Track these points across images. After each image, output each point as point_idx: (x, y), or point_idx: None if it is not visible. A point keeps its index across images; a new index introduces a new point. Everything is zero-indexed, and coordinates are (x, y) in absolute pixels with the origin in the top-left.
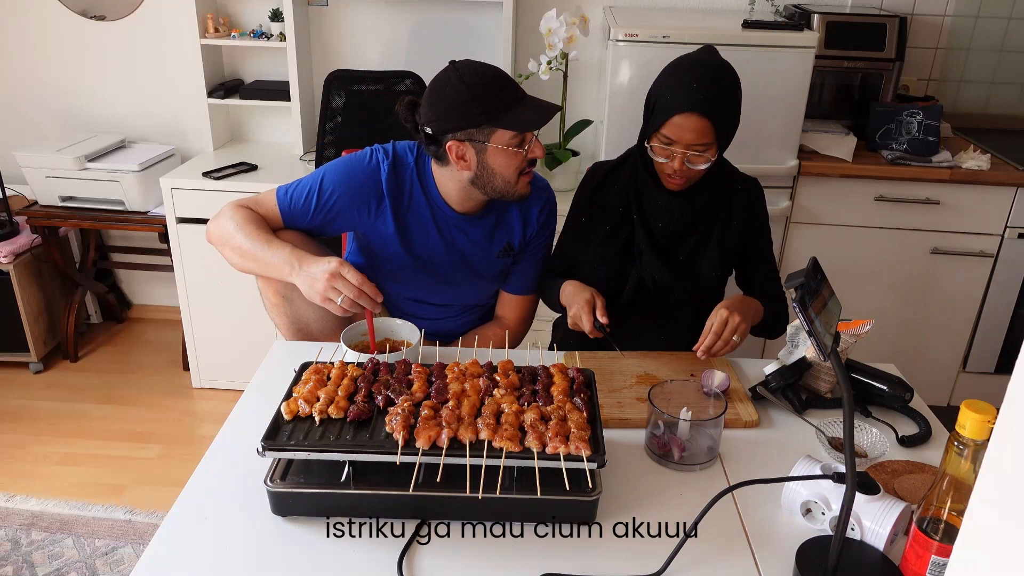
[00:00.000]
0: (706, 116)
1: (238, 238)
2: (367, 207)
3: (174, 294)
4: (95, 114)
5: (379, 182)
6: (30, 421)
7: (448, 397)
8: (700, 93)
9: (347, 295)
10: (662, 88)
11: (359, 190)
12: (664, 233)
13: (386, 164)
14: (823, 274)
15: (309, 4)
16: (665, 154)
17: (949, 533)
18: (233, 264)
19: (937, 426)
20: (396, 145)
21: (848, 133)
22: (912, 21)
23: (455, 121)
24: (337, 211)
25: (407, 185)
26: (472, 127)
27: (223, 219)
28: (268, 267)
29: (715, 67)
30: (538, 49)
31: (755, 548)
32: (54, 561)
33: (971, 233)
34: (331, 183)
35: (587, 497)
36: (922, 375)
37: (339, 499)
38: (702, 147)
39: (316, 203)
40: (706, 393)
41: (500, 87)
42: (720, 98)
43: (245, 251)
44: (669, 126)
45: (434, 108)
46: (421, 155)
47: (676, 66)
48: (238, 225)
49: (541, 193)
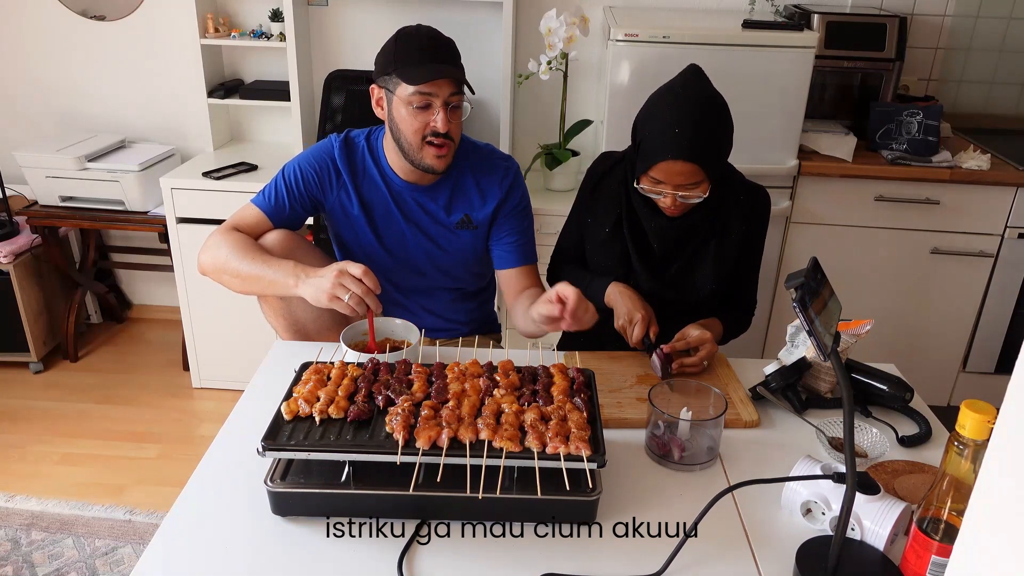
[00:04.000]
0: (691, 161)
1: (234, 263)
2: (328, 179)
3: (174, 294)
4: (95, 114)
5: (333, 158)
6: (30, 421)
7: (448, 397)
8: (683, 139)
9: (354, 292)
10: (646, 129)
11: (316, 165)
12: (659, 250)
13: (338, 142)
14: (823, 274)
15: (309, 4)
16: (657, 191)
17: (949, 533)
18: (233, 289)
19: (937, 426)
20: (349, 131)
21: (848, 133)
22: (912, 21)
23: (378, 66)
24: (308, 190)
25: (359, 161)
26: (385, 74)
27: (213, 249)
28: (271, 285)
29: (698, 104)
30: (538, 49)
31: (755, 548)
32: (54, 561)
33: (971, 233)
34: (291, 169)
35: (587, 497)
36: (922, 375)
37: (339, 499)
38: (692, 185)
39: (287, 190)
40: (661, 378)
41: (420, 45)
42: (704, 139)
43: (245, 275)
44: (657, 170)
45: (377, 56)
46: (371, 134)
47: (658, 103)
48: (231, 251)
49: (498, 162)
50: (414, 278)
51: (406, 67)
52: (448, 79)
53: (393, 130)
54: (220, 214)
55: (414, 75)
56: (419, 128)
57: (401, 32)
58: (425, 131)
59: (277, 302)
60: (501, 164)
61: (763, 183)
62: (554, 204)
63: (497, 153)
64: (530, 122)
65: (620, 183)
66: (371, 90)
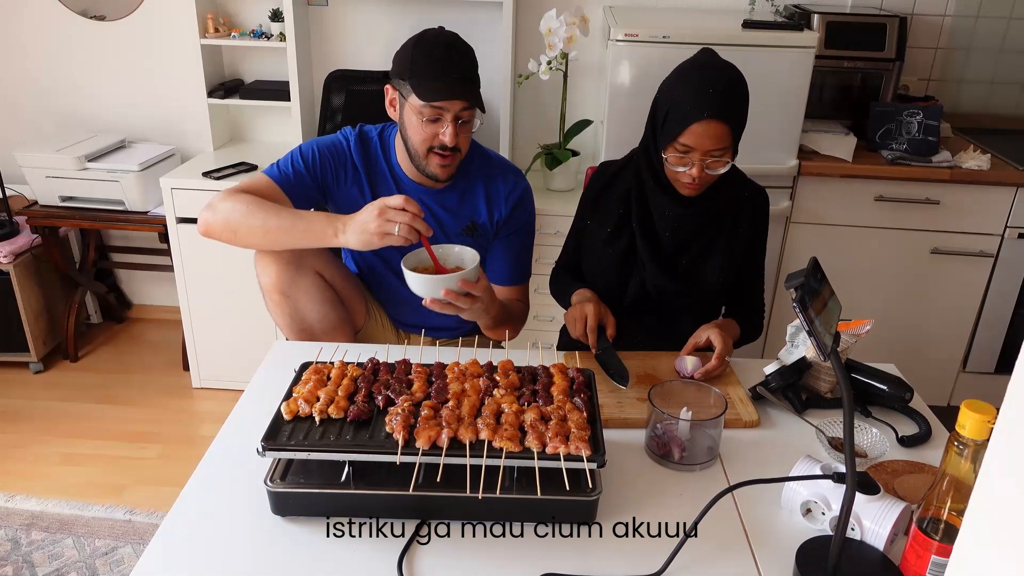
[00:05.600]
0: (724, 121)
1: (257, 217)
2: (344, 172)
3: (174, 294)
4: (95, 114)
5: (350, 152)
6: (30, 421)
7: (448, 397)
8: (717, 98)
9: (403, 222)
10: (674, 97)
11: (335, 153)
12: (669, 241)
13: (353, 136)
14: (823, 274)
15: (309, 4)
16: (683, 163)
17: (949, 533)
18: (250, 245)
19: (937, 426)
20: (362, 126)
21: (848, 133)
22: (912, 21)
23: (394, 67)
24: (323, 173)
25: (372, 155)
26: (400, 77)
27: (225, 205)
28: (305, 235)
29: (724, 70)
30: (538, 49)
31: (755, 548)
32: (54, 561)
33: (971, 233)
34: (308, 149)
35: (587, 497)
36: (922, 375)
37: (339, 499)
38: (720, 152)
39: (305, 168)
40: (684, 377)
41: (438, 57)
42: (735, 101)
43: (271, 227)
44: (687, 134)
45: (396, 54)
46: (384, 130)
47: (684, 73)
48: (250, 207)
49: (510, 175)
50: None
51: (420, 79)
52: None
53: (403, 134)
54: None
55: (427, 90)
56: (427, 138)
57: (421, 37)
58: (433, 142)
59: (281, 299)
60: (511, 179)
61: (763, 183)
62: (554, 204)
63: (509, 167)
64: (530, 122)
65: (628, 184)
66: (386, 89)
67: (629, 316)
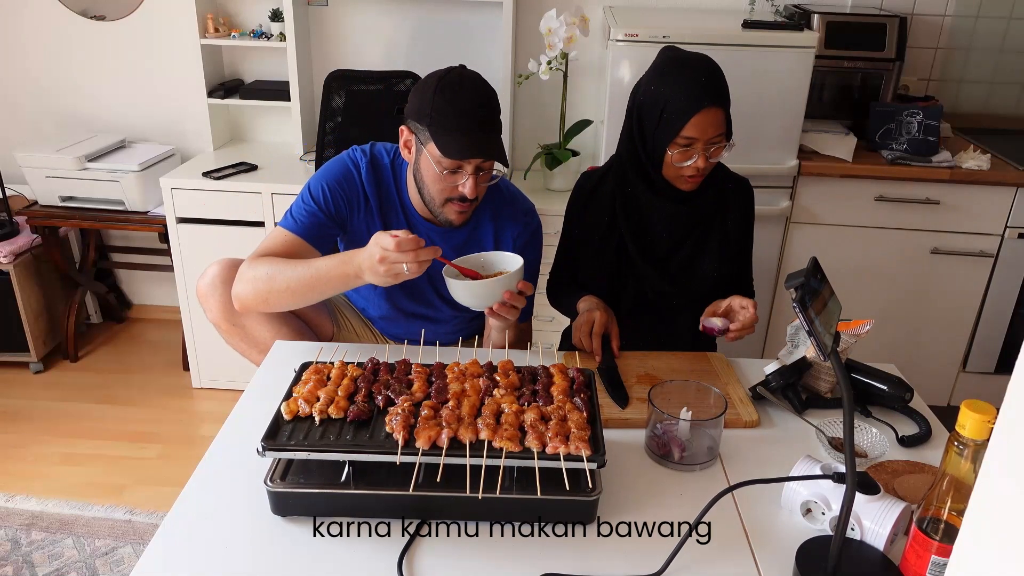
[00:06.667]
0: (720, 106)
1: (280, 281)
2: (356, 202)
3: (174, 294)
4: (95, 114)
5: (360, 180)
6: (30, 421)
7: (448, 397)
8: (710, 86)
9: (407, 262)
10: (667, 94)
11: (344, 184)
12: (663, 241)
13: (364, 161)
14: (823, 274)
15: (309, 4)
16: (688, 156)
17: (949, 533)
18: (283, 307)
19: (937, 426)
20: (374, 145)
21: (848, 133)
22: (912, 21)
23: (412, 107)
24: (337, 209)
25: (384, 185)
26: (418, 121)
27: (250, 275)
28: (329, 284)
29: (703, 59)
30: (538, 49)
31: (755, 548)
32: (54, 561)
33: (971, 233)
34: (317, 187)
35: (587, 497)
36: (922, 375)
37: (339, 499)
38: (719, 137)
39: (318, 208)
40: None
41: (463, 111)
42: (723, 85)
43: (296, 288)
44: (690, 127)
45: (414, 90)
46: (397, 157)
47: (667, 71)
48: (270, 272)
49: (519, 216)
50: (421, 307)
51: (442, 132)
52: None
53: (417, 177)
54: (220, 214)
55: (449, 146)
56: (444, 189)
57: (445, 82)
58: (451, 193)
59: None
60: (521, 220)
61: (763, 183)
62: (554, 204)
63: (520, 206)
64: (530, 122)
65: (613, 187)
66: (400, 130)
67: (628, 319)
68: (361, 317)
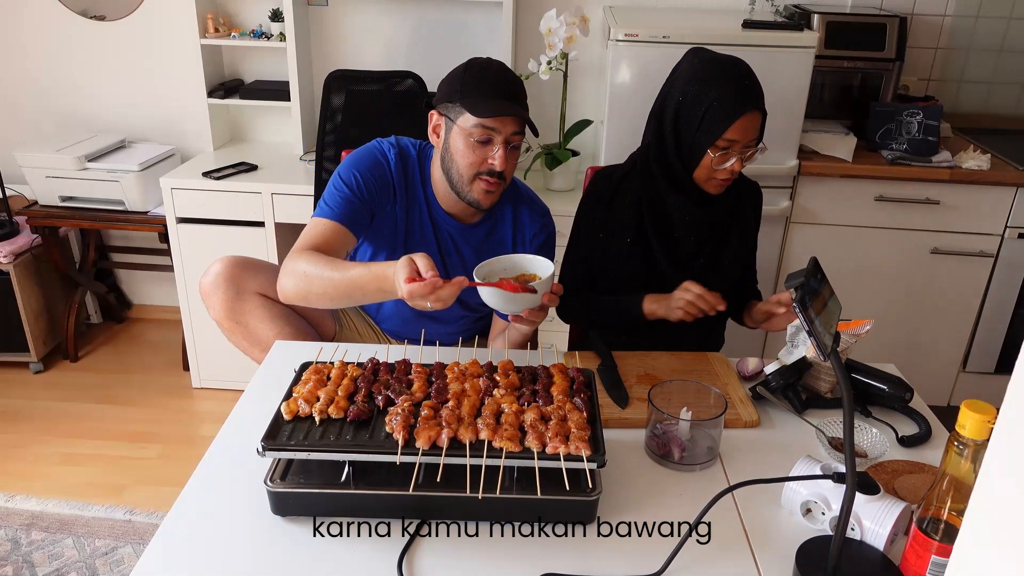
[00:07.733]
0: (760, 110)
1: (317, 285)
2: (387, 191)
3: (174, 294)
4: (95, 114)
5: (390, 170)
6: (30, 421)
7: (448, 397)
8: (754, 89)
9: (432, 302)
10: (709, 95)
11: (376, 172)
12: (687, 243)
13: (393, 152)
14: (823, 274)
15: (309, 4)
16: (725, 159)
17: (949, 533)
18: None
19: (937, 426)
20: (399, 139)
21: (848, 133)
22: (912, 21)
23: (442, 92)
24: (371, 195)
25: (411, 177)
26: (449, 101)
27: (292, 268)
28: (365, 297)
29: (742, 62)
30: (538, 49)
31: (755, 548)
32: (54, 561)
33: (971, 233)
34: (348, 175)
35: (587, 497)
36: (922, 375)
37: (339, 499)
38: (755, 140)
39: (352, 193)
40: (745, 376)
41: (491, 79)
42: (760, 89)
43: (334, 293)
44: (733, 130)
45: (442, 82)
46: (423, 150)
47: (709, 72)
48: (308, 273)
49: (537, 217)
50: None
51: (474, 98)
52: (514, 117)
53: (445, 159)
54: (220, 214)
55: (481, 108)
56: (475, 162)
57: (472, 62)
58: (481, 167)
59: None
60: (538, 220)
61: (763, 183)
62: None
63: (537, 207)
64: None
65: (637, 191)
66: (429, 116)
67: (648, 321)
68: (364, 316)
